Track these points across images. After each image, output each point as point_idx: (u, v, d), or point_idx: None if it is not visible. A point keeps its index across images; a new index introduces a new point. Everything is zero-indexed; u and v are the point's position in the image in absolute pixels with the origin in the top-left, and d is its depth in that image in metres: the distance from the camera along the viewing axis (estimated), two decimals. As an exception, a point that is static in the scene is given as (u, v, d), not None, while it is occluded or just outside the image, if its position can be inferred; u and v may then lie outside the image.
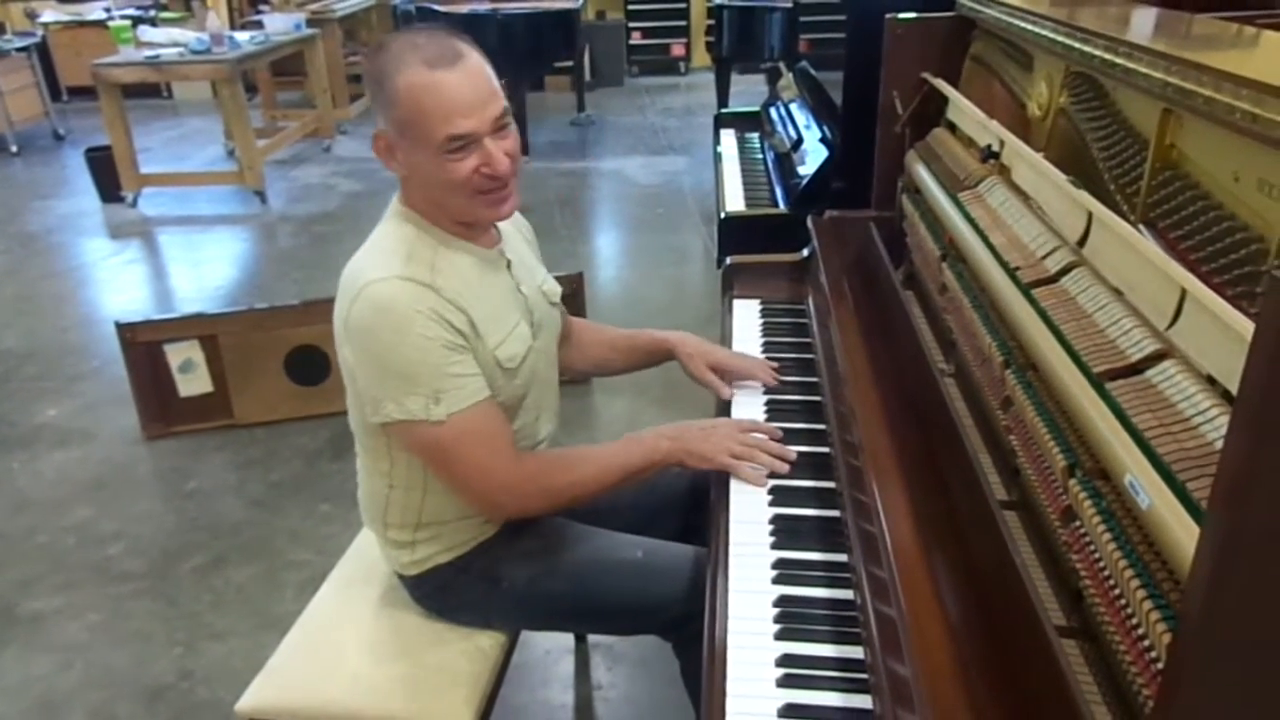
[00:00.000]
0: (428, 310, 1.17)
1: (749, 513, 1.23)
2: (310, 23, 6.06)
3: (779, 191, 2.73)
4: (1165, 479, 0.71)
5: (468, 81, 1.16)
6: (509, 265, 1.35)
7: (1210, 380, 0.78)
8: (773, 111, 3.29)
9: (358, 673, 1.33)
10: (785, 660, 1.00)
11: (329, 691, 1.32)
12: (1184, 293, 0.82)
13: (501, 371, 1.26)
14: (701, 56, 8.22)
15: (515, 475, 1.25)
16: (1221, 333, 0.75)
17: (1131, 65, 0.97)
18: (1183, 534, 0.67)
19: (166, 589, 2.27)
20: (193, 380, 2.88)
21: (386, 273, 1.19)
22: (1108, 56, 1.04)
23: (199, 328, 2.85)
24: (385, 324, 1.17)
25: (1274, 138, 0.72)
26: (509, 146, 1.22)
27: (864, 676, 0.95)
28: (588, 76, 7.43)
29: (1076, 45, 1.13)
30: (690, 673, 1.37)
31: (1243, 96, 0.75)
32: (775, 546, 1.17)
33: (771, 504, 1.25)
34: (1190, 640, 0.57)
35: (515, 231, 1.45)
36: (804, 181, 2.49)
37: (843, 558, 1.13)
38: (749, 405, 1.48)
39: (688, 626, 1.31)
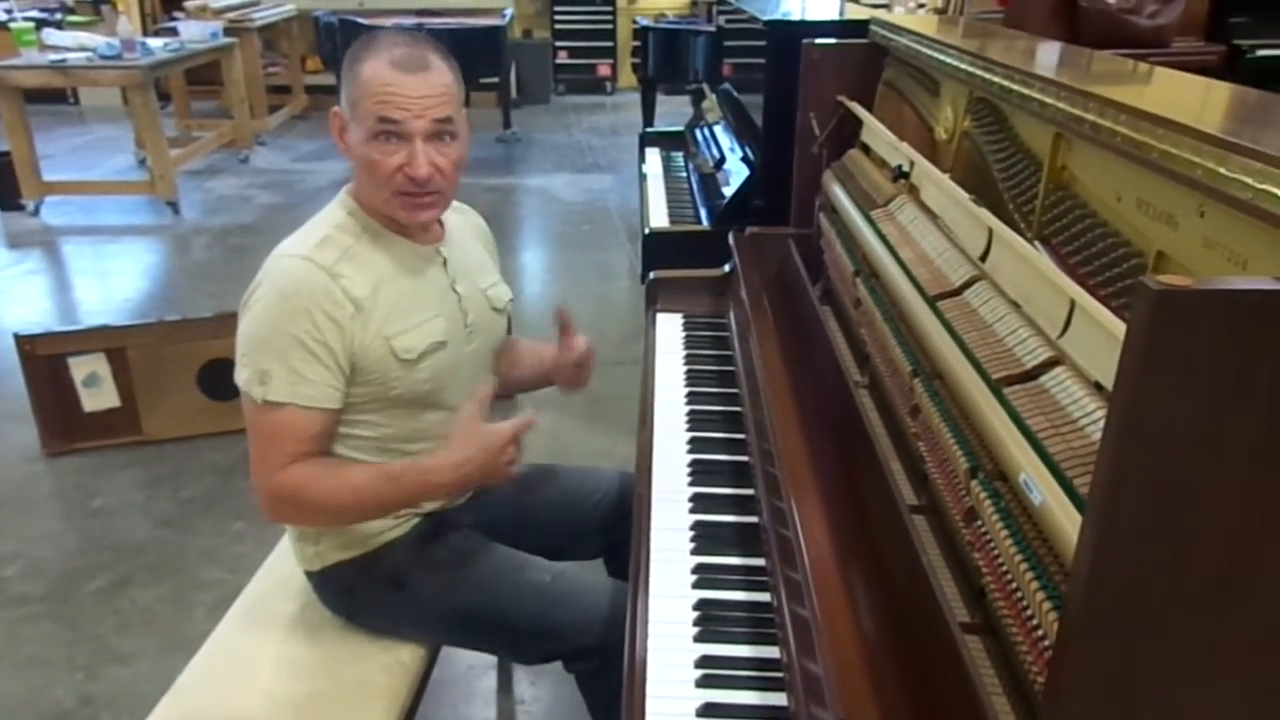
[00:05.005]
0: (307, 300, 1.21)
1: (669, 520, 1.25)
2: (228, 31, 5.93)
3: (703, 210, 2.78)
4: (1055, 477, 0.76)
5: (420, 83, 1.23)
6: (444, 263, 1.36)
7: (1098, 386, 0.83)
8: (697, 132, 3.34)
9: (271, 689, 1.30)
10: (704, 661, 1.02)
11: (240, 709, 1.28)
12: (1073, 304, 0.88)
13: (397, 361, 1.27)
14: (628, 77, 8.30)
15: (272, 484, 1.23)
16: (1106, 341, 0.81)
17: (1026, 92, 1.04)
18: (1070, 527, 0.71)
19: (67, 612, 2.17)
20: (98, 395, 2.77)
21: (295, 250, 1.26)
22: (1005, 83, 1.10)
23: (105, 340, 2.75)
24: (266, 293, 1.23)
25: (1150, 161, 0.78)
26: (440, 159, 1.25)
27: (779, 675, 0.98)
28: (514, 94, 7.43)
29: (978, 72, 1.20)
30: (596, 708, 1.35)
31: (1122, 122, 0.81)
32: (695, 552, 1.19)
33: (692, 510, 1.27)
34: (1075, 619, 0.61)
35: (472, 233, 1.50)
36: (727, 200, 2.54)
37: (760, 562, 1.16)
38: (671, 414, 1.51)
39: (593, 659, 1.29)
